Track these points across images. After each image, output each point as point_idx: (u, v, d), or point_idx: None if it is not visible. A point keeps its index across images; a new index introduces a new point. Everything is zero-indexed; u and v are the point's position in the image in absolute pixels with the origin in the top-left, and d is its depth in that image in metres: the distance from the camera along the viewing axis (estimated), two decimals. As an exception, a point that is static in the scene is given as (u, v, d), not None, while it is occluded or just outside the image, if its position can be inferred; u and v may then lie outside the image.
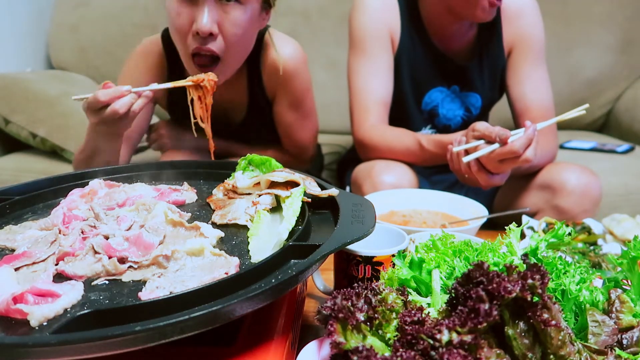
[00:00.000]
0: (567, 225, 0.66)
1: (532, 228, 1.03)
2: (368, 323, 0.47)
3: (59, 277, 0.56)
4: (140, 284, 0.54)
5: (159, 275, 0.55)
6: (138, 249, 0.59)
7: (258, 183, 0.75)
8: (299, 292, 0.68)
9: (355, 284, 0.52)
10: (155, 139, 1.35)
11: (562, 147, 1.88)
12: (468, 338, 0.41)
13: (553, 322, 0.42)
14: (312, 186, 0.73)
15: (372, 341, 0.47)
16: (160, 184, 0.84)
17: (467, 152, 1.04)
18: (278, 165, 0.79)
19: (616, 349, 0.48)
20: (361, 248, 0.71)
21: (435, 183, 1.39)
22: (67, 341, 0.41)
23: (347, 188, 1.42)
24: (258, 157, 0.80)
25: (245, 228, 0.67)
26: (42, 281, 0.53)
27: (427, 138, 1.18)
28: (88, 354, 0.42)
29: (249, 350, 0.51)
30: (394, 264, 0.59)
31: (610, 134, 2.17)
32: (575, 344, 0.45)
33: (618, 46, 2.16)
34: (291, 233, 0.63)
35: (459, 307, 0.44)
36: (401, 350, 0.43)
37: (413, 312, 0.46)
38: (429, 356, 0.42)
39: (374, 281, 0.71)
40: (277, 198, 0.72)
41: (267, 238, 0.63)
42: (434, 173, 1.43)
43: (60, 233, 0.64)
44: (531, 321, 0.43)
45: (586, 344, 0.47)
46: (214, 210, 0.73)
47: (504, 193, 1.33)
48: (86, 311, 0.46)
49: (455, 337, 0.41)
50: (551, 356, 0.43)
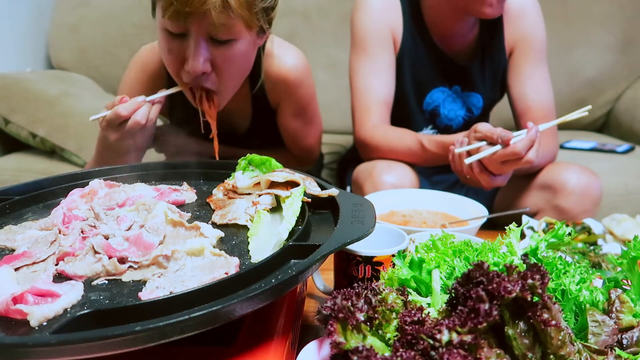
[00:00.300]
0: (567, 225, 0.66)
1: (532, 228, 1.03)
2: (368, 323, 0.47)
3: (59, 277, 0.56)
4: (140, 284, 0.54)
5: (159, 275, 0.55)
6: (138, 249, 0.59)
7: (258, 183, 0.75)
8: (299, 292, 0.68)
9: (355, 284, 0.52)
10: (160, 144, 1.35)
11: (562, 147, 1.88)
12: (468, 338, 0.41)
13: (553, 322, 0.42)
14: (312, 186, 0.73)
15: (372, 341, 0.47)
16: (160, 184, 0.84)
17: (469, 153, 1.04)
18: (278, 165, 0.79)
19: (616, 349, 0.48)
20: (361, 248, 0.71)
21: (435, 183, 1.39)
22: (67, 341, 0.41)
23: (348, 188, 1.42)
24: (258, 157, 0.80)
25: (245, 228, 0.67)
26: (42, 281, 0.53)
27: (429, 138, 1.18)
28: (88, 354, 0.42)
29: (249, 350, 0.51)
30: (394, 264, 0.59)
31: (610, 134, 2.17)
32: (575, 344, 0.45)
33: (618, 46, 2.16)
34: (291, 233, 0.63)
35: (459, 307, 0.44)
36: (401, 350, 0.43)
37: (413, 312, 0.46)
38: (429, 356, 0.42)
39: (374, 281, 0.71)
40: (277, 198, 0.72)
41: (267, 238, 0.63)
42: (435, 173, 1.43)
43: (60, 233, 0.64)
44: (531, 321, 0.43)
45: (586, 344, 0.47)
46: (214, 210, 0.73)
47: (504, 193, 1.33)
48: (86, 311, 0.46)
49: (455, 337, 0.41)
50: (551, 356, 0.43)
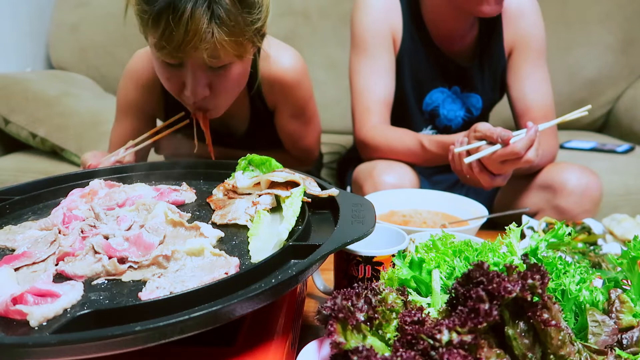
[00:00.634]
0: (567, 225, 0.66)
1: (532, 228, 1.03)
2: (368, 323, 0.47)
3: (59, 277, 0.56)
4: (140, 284, 0.54)
5: (159, 275, 0.55)
6: (138, 249, 0.59)
7: (258, 183, 0.75)
8: (299, 292, 0.68)
9: (355, 284, 0.52)
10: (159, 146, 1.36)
11: (562, 147, 1.88)
12: (468, 338, 0.41)
13: (553, 322, 0.42)
14: (312, 186, 0.73)
15: (372, 341, 0.47)
16: (160, 184, 0.84)
17: (469, 153, 1.04)
18: (278, 165, 0.79)
19: (616, 349, 0.48)
20: (361, 248, 0.71)
21: (435, 183, 1.39)
22: (67, 341, 0.41)
23: (348, 188, 1.42)
24: (258, 157, 0.80)
25: (245, 228, 0.67)
26: (42, 281, 0.53)
27: (429, 139, 1.18)
28: (88, 354, 0.42)
29: (249, 350, 0.51)
30: (394, 264, 0.59)
31: (610, 134, 2.17)
32: (575, 344, 0.45)
33: (618, 46, 2.16)
34: (291, 233, 0.62)
35: (459, 307, 0.44)
36: (401, 350, 0.43)
37: (413, 312, 0.46)
38: (429, 356, 0.42)
39: (374, 281, 0.71)
40: (277, 198, 0.72)
41: (267, 238, 0.63)
42: (435, 173, 1.43)
43: (60, 233, 0.64)
44: (531, 321, 0.43)
45: (586, 344, 0.47)
46: (214, 210, 0.73)
47: (504, 193, 1.33)
48: (86, 311, 0.46)
49: (455, 337, 0.41)
50: (551, 356, 0.43)
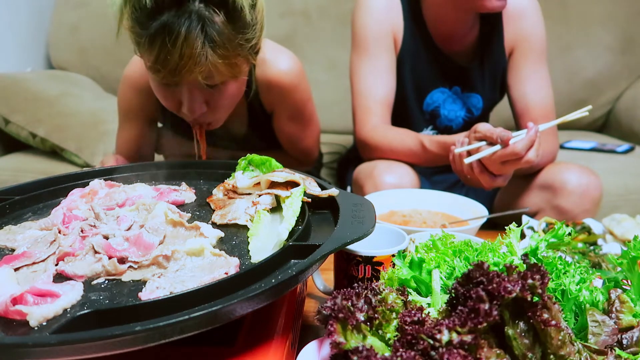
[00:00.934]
0: (567, 225, 0.66)
1: (532, 228, 1.03)
2: (368, 323, 0.47)
3: (59, 277, 0.56)
4: (140, 284, 0.54)
5: (159, 275, 0.55)
6: (138, 249, 0.59)
7: (258, 183, 0.75)
8: (299, 292, 0.68)
9: (355, 284, 0.52)
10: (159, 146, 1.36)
11: (562, 147, 1.88)
12: (468, 338, 0.41)
13: (553, 322, 0.42)
14: (312, 186, 0.73)
15: (372, 341, 0.47)
16: (160, 184, 0.84)
17: (470, 154, 1.04)
18: (278, 165, 0.79)
19: (616, 349, 0.48)
20: (361, 248, 0.71)
21: (436, 183, 1.39)
22: (67, 341, 0.41)
23: (348, 188, 1.42)
24: (258, 157, 0.80)
25: (245, 228, 0.67)
26: (42, 281, 0.53)
27: (430, 139, 1.18)
28: (88, 354, 0.42)
29: (249, 350, 0.51)
30: (394, 264, 0.59)
31: (610, 134, 2.17)
32: (575, 344, 0.45)
33: (618, 46, 2.16)
34: (291, 233, 0.62)
35: (459, 307, 0.44)
36: (401, 350, 0.43)
37: (413, 312, 0.46)
38: (429, 356, 0.42)
39: (374, 281, 0.71)
40: (277, 198, 0.72)
41: (267, 238, 0.63)
42: (435, 173, 1.43)
43: (60, 233, 0.64)
44: (531, 321, 0.43)
45: (586, 344, 0.47)
46: (214, 210, 0.73)
47: (504, 193, 1.33)
48: (86, 311, 0.46)
49: (455, 337, 0.41)
50: (551, 356, 0.43)
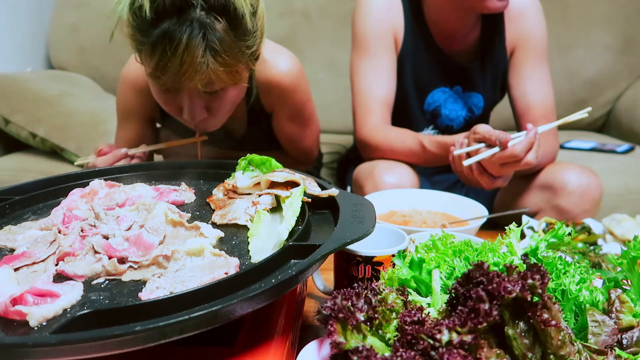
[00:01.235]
0: (567, 225, 0.66)
1: (532, 228, 1.03)
2: (368, 323, 0.47)
3: (59, 277, 0.56)
4: (140, 284, 0.54)
5: (159, 275, 0.55)
6: (138, 249, 0.59)
7: (258, 183, 0.75)
8: (299, 292, 0.68)
9: (355, 284, 0.52)
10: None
11: (562, 147, 1.88)
12: (468, 338, 0.41)
13: (553, 322, 0.42)
14: (312, 186, 0.73)
15: (372, 341, 0.47)
16: (160, 184, 0.84)
17: (469, 155, 1.04)
18: (278, 165, 0.79)
19: (616, 349, 0.48)
20: (361, 248, 0.71)
21: (436, 183, 1.39)
22: (67, 341, 0.41)
23: (348, 188, 1.42)
24: (258, 157, 0.80)
25: (245, 228, 0.67)
26: (42, 281, 0.53)
27: (430, 139, 1.18)
28: (88, 354, 0.42)
29: (249, 350, 0.51)
30: (394, 264, 0.59)
31: (610, 134, 2.17)
32: (575, 344, 0.45)
33: (618, 46, 2.16)
34: (291, 233, 0.62)
35: (459, 307, 0.44)
36: (401, 350, 0.43)
37: (413, 312, 0.46)
38: (429, 356, 0.42)
39: (374, 281, 0.71)
40: (277, 198, 0.72)
41: (267, 238, 0.63)
42: (435, 173, 1.43)
43: (60, 233, 0.64)
44: (531, 321, 0.43)
45: (586, 344, 0.47)
46: (214, 210, 0.73)
47: (504, 193, 1.33)
48: (86, 311, 0.46)
49: (455, 337, 0.41)
50: (551, 356, 0.43)
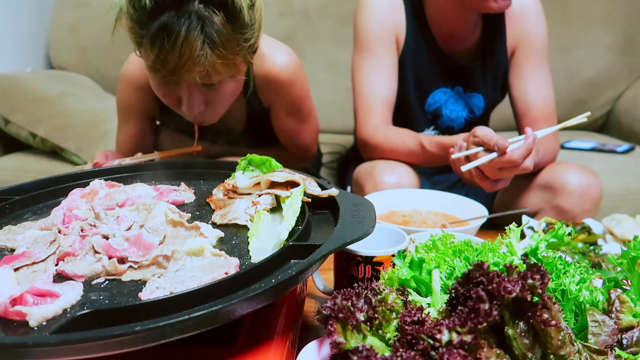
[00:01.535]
0: (567, 225, 0.66)
1: (532, 228, 1.03)
2: (368, 323, 0.47)
3: (59, 277, 0.56)
4: (140, 284, 0.54)
5: (159, 275, 0.55)
6: (138, 249, 0.59)
7: (258, 183, 0.75)
8: (299, 292, 0.68)
9: (355, 284, 0.52)
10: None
11: (562, 147, 1.88)
12: (468, 338, 0.41)
13: (553, 322, 0.42)
14: (312, 186, 0.73)
15: (372, 341, 0.47)
16: (160, 184, 0.84)
17: (468, 159, 1.04)
18: (278, 165, 0.79)
19: (616, 349, 0.48)
20: (361, 248, 0.71)
21: (436, 183, 1.39)
22: (67, 341, 0.41)
23: (349, 188, 1.42)
24: (258, 157, 0.80)
25: (245, 228, 0.67)
26: (42, 281, 0.53)
27: (429, 139, 1.18)
28: (88, 354, 0.42)
29: (249, 350, 0.51)
30: (394, 264, 0.59)
31: (610, 134, 2.17)
32: (575, 344, 0.45)
33: (618, 46, 2.16)
34: (291, 233, 0.62)
35: (459, 307, 0.44)
36: (401, 350, 0.43)
37: (413, 312, 0.46)
38: (429, 356, 0.42)
39: (374, 281, 0.71)
40: (277, 198, 0.72)
41: (267, 238, 0.63)
42: (435, 173, 1.43)
43: (60, 233, 0.64)
44: (531, 321, 0.43)
45: (586, 344, 0.47)
46: (214, 210, 0.73)
47: (504, 193, 1.33)
48: (86, 311, 0.46)
49: (455, 337, 0.41)
50: (551, 356, 0.43)
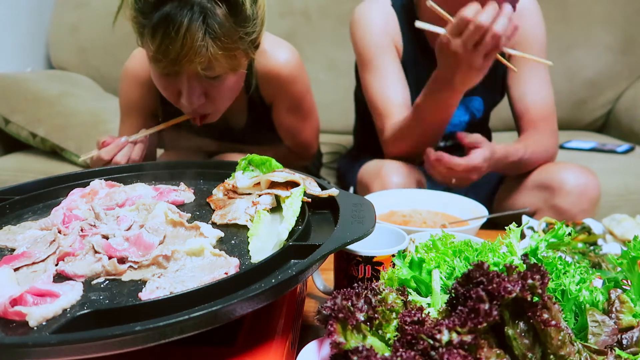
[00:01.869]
0: (567, 225, 0.66)
1: (532, 228, 1.03)
2: (368, 323, 0.47)
3: (59, 277, 0.56)
4: (140, 284, 0.54)
5: (159, 275, 0.55)
6: (138, 249, 0.59)
7: (258, 183, 0.75)
8: (299, 292, 0.68)
9: (355, 284, 0.52)
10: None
11: (562, 147, 1.88)
12: (468, 338, 0.41)
13: (553, 322, 0.42)
14: (312, 186, 0.73)
15: (372, 341, 0.47)
16: (160, 184, 0.84)
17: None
18: (278, 165, 0.79)
19: (616, 349, 0.48)
20: (361, 248, 0.71)
21: (437, 183, 1.39)
22: (67, 341, 0.41)
23: (351, 188, 1.42)
24: (258, 157, 0.80)
25: (245, 228, 0.67)
26: (42, 281, 0.53)
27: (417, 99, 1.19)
28: (88, 354, 0.42)
29: (249, 350, 0.51)
30: (394, 264, 0.59)
31: (610, 134, 2.17)
32: (575, 344, 0.45)
33: (618, 46, 2.16)
34: (291, 233, 0.62)
35: (459, 307, 0.44)
36: (401, 350, 0.43)
37: (413, 312, 0.46)
38: (429, 356, 0.42)
39: (374, 281, 0.71)
40: (277, 198, 0.72)
41: (267, 238, 0.63)
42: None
43: (60, 233, 0.64)
44: (531, 321, 0.43)
45: (586, 344, 0.47)
46: (214, 210, 0.73)
47: (504, 193, 1.33)
48: (86, 311, 0.46)
49: (455, 337, 0.41)
50: (551, 356, 0.43)
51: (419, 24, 1.03)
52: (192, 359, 0.50)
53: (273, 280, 0.51)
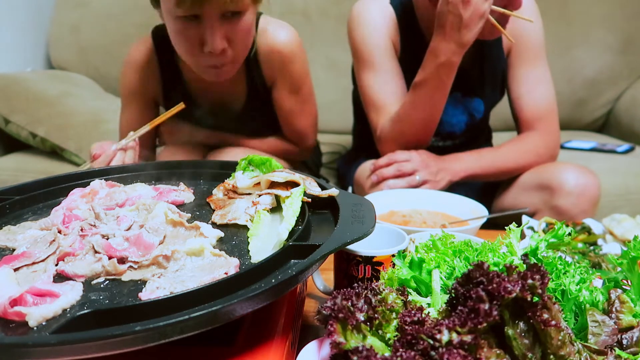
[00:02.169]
0: (567, 225, 0.66)
1: (532, 228, 1.03)
2: (368, 323, 0.47)
3: (59, 277, 0.56)
4: (140, 284, 0.54)
5: (159, 275, 0.55)
6: (138, 249, 0.59)
7: (258, 183, 0.75)
8: (299, 292, 0.68)
9: (355, 284, 0.52)
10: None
11: (562, 147, 1.88)
12: (468, 338, 0.41)
13: (553, 322, 0.42)
14: (312, 186, 0.73)
15: (372, 341, 0.47)
16: (160, 184, 0.84)
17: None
18: (278, 165, 0.79)
19: (616, 349, 0.48)
20: (361, 248, 0.71)
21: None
22: (67, 341, 0.41)
23: (350, 188, 1.42)
24: (258, 157, 0.80)
25: (245, 228, 0.67)
26: (42, 281, 0.53)
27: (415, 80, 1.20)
28: (88, 354, 0.42)
29: (249, 350, 0.51)
30: (394, 264, 0.59)
31: (610, 134, 2.17)
32: (575, 344, 0.45)
33: (618, 46, 2.16)
34: (291, 233, 0.62)
35: (459, 307, 0.44)
36: (401, 350, 0.43)
37: (413, 312, 0.46)
38: (429, 356, 0.42)
39: (374, 281, 0.71)
40: (277, 198, 0.72)
41: (267, 238, 0.63)
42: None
43: (60, 233, 0.64)
44: (531, 321, 0.43)
45: (586, 344, 0.47)
46: (214, 210, 0.73)
47: (504, 193, 1.33)
48: (86, 311, 0.46)
49: (455, 337, 0.41)
50: (551, 356, 0.43)
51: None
52: (192, 359, 0.50)
53: (273, 280, 0.51)
